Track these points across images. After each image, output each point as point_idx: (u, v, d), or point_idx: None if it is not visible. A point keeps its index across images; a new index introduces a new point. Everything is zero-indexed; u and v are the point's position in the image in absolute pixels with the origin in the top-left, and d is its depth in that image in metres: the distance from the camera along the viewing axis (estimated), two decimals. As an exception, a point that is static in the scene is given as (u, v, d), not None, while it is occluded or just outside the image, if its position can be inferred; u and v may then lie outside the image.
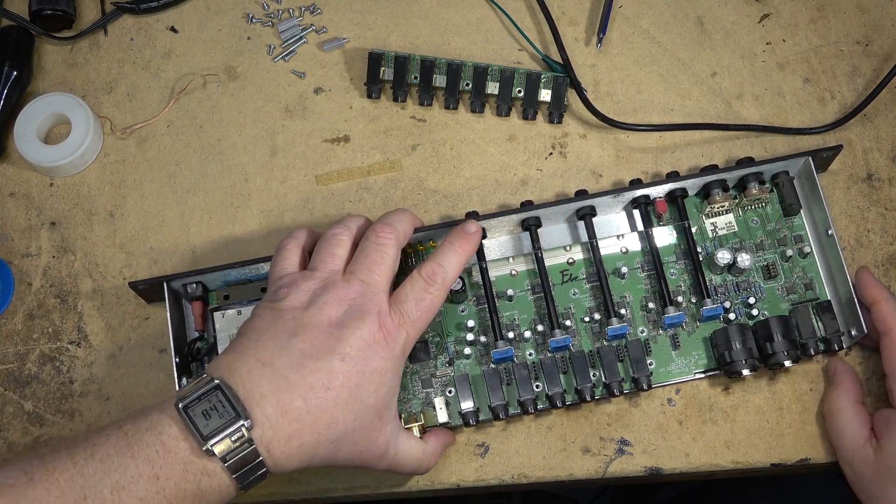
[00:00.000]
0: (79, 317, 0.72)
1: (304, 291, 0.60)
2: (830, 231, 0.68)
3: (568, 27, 0.78)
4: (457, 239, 0.65)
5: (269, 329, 0.59)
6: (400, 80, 0.75)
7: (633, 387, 0.66)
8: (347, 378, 0.58)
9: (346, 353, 0.58)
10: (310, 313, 0.59)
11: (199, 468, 0.55)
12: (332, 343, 0.58)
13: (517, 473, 0.67)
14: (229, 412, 0.55)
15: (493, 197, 0.74)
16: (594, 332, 0.69)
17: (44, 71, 0.78)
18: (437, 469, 0.67)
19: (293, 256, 0.64)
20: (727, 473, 0.69)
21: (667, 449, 0.68)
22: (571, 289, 0.70)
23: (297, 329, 0.58)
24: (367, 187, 0.74)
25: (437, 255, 0.63)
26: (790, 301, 0.69)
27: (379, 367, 0.59)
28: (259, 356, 0.58)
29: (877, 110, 0.75)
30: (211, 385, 0.56)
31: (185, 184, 0.75)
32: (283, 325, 0.59)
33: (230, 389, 0.56)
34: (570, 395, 0.67)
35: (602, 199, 0.69)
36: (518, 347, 0.68)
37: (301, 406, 0.57)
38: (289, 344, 0.58)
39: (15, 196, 0.75)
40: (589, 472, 0.67)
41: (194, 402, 0.56)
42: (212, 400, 0.56)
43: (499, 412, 0.66)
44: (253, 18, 0.79)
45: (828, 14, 0.78)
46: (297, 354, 0.58)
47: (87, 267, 0.73)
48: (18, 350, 0.71)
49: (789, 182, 0.70)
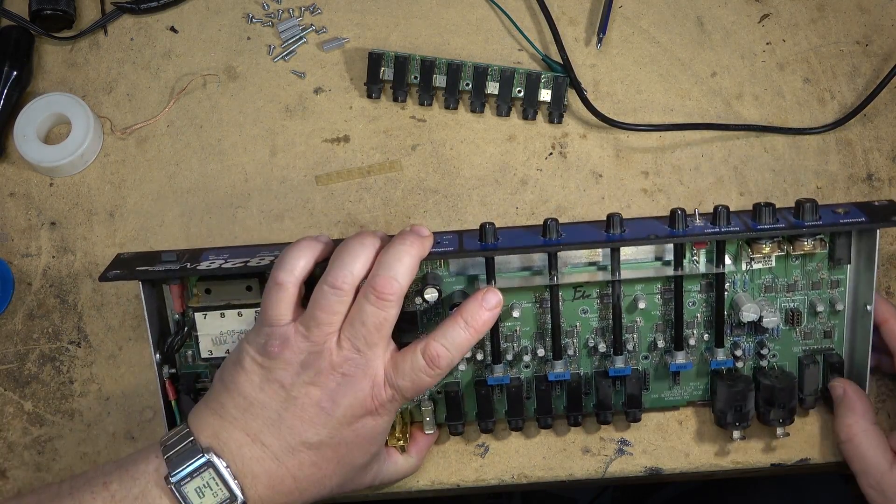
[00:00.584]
0: (79, 317, 0.72)
1: (297, 353, 0.57)
2: (870, 307, 0.64)
3: (568, 27, 0.78)
4: (469, 317, 0.59)
5: (258, 399, 0.58)
6: (400, 80, 0.75)
7: (624, 417, 0.66)
8: (336, 452, 0.58)
9: (335, 432, 0.57)
10: (301, 387, 0.57)
11: None
12: (323, 420, 0.57)
13: (517, 473, 0.67)
14: (223, 493, 0.55)
15: (493, 197, 0.74)
16: (595, 362, 0.67)
17: (44, 71, 0.78)
18: (438, 469, 0.67)
19: (289, 300, 0.58)
20: (727, 473, 0.69)
21: (667, 449, 0.68)
22: (581, 306, 0.66)
23: (288, 403, 0.57)
24: (367, 187, 0.74)
25: (445, 336, 0.59)
26: (804, 346, 0.67)
27: (367, 435, 0.59)
28: (248, 429, 0.57)
29: (877, 110, 0.75)
30: (203, 461, 0.55)
31: (185, 184, 0.75)
32: (274, 395, 0.57)
33: (225, 467, 0.56)
34: (560, 422, 0.66)
35: (639, 247, 0.64)
36: (515, 368, 0.67)
37: (291, 485, 0.57)
38: (279, 419, 0.57)
39: (15, 196, 0.75)
40: (589, 472, 0.67)
41: (187, 480, 0.55)
42: (205, 477, 0.55)
43: (488, 427, 0.66)
44: (253, 18, 0.79)
45: (828, 14, 0.78)
46: (287, 433, 0.57)
47: (87, 267, 0.73)
48: (18, 350, 0.71)
49: (846, 238, 0.65)
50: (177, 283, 0.66)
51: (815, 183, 0.73)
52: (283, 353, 0.57)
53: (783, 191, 0.73)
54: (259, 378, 0.58)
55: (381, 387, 0.58)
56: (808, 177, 0.74)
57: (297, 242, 0.60)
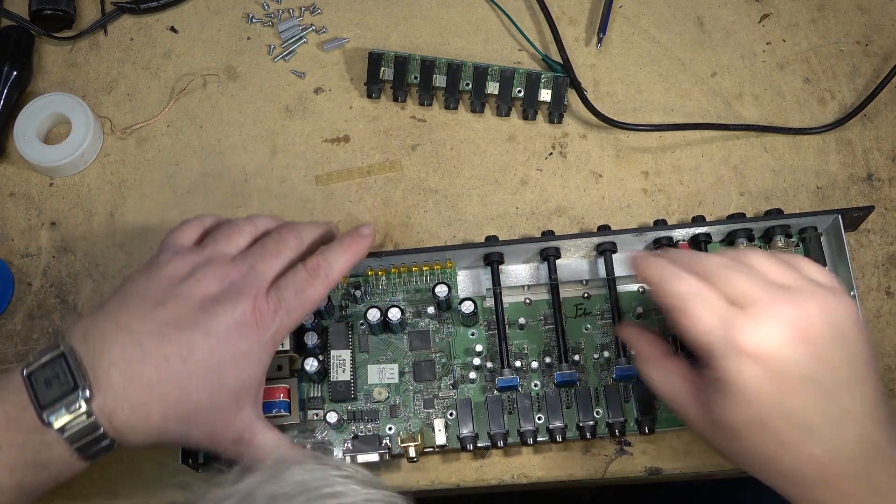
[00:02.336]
0: (79, 317, 0.72)
1: (188, 263, 0.57)
2: (853, 293, 0.66)
3: (568, 27, 0.78)
4: (348, 239, 0.62)
5: (137, 293, 0.56)
6: (400, 80, 0.75)
7: (637, 429, 0.66)
8: (208, 354, 0.54)
9: (210, 329, 0.55)
10: (185, 284, 0.56)
11: (37, 440, 0.53)
12: (200, 316, 0.55)
13: (517, 473, 0.67)
14: (69, 382, 0.53)
15: (493, 197, 0.74)
16: (603, 370, 0.67)
17: (44, 71, 0.78)
18: (438, 469, 0.67)
19: (191, 233, 0.61)
20: (727, 473, 0.69)
21: (667, 449, 0.68)
22: (584, 323, 0.68)
23: (167, 297, 0.55)
24: (367, 187, 0.74)
25: (326, 252, 0.61)
26: None
27: (244, 349, 0.56)
28: (119, 319, 0.55)
29: (877, 110, 0.75)
30: (56, 353, 0.54)
31: (185, 184, 0.75)
32: (154, 292, 0.56)
33: (75, 358, 0.53)
34: (572, 431, 0.66)
35: (624, 237, 0.67)
36: (524, 377, 0.67)
37: (152, 376, 0.53)
38: (154, 311, 0.55)
39: (15, 196, 0.75)
40: (589, 472, 0.67)
41: (38, 370, 0.54)
42: (55, 368, 0.53)
43: (497, 440, 0.65)
44: (253, 18, 0.79)
45: (828, 14, 0.78)
46: (160, 322, 0.54)
47: (87, 267, 0.73)
48: (18, 350, 0.71)
49: (816, 238, 0.68)
50: None
51: (815, 183, 0.73)
52: (174, 261, 0.58)
53: (783, 191, 0.73)
54: (144, 278, 0.57)
55: (263, 298, 0.57)
56: (808, 177, 0.74)
57: (204, 214, 0.63)
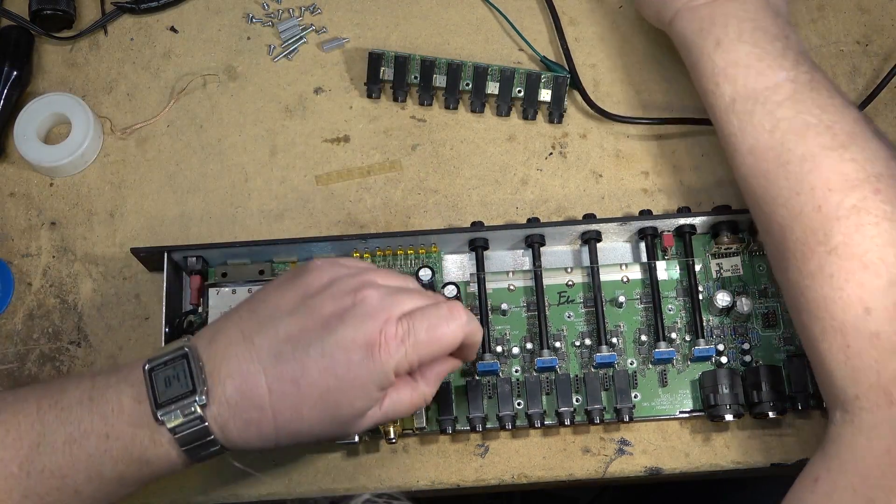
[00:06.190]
0: (79, 317, 0.72)
1: (331, 275, 0.55)
2: None
3: (568, 27, 0.78)
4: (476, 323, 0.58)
5: (271, 300, 0.55)
6: (400, 80, 0.75)
7: (615, 417, 0.66)
8: (320, 376, 0.52)
9: (327, 348, 0.52)
10: (318, 297, 0.54)
11: (147, 435, 0.53)
12: (322, 334, 0.53)
13: (517, 473, 0.67)
14: (187, 385, 0.52)
15: (493, 197, 0.74)
16: (583, 358, 0.68)
17: (44, 71, 0.78)
18: (438, 469, 0.67)
19: (352, 263, 0.57)
20: (727, 473, 0.69)
21: (667, 449, 0.68)
22: (567, 311, 0.69)
23: (297, 309, 0.54)
24: (367, 187, 0.74)
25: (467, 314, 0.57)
26: (786, 352, 0.67)
27: (360, 377, 0.53)
28: (245, 328, 0.54)
29: (877, 110, 0.75)
30: (180, 352, 0.53)
31: (185, 184, 0.75)
32: (286, 301, 0.55)
33: (198, 361, 0.53)
34: (550, 418, 0.66)
35: (609, 226, 0.68)
36: (505, 363, 0.68)
37: (264, 395, 0.52)
38: (280, 322, 0.53)
39: (15, 196, 0.75)
40: (589, 472, 0.67)
41: (161, 367, 0.53)
42: (177, 368, 0.53)
43: (476, 424, 0.65)
44: (253, 18, 0.79)
45: (828, 14, 0.78)
46: (282, 336, 0.53)
47: (87, 267, 0.73)
48: (18, 350, 0.71)
49: None
50: (197, 274, 0.68)
51: (815, 183, 0.73)
52: (317, 271, 0.55)
53: (783, 191, 0.73)
54: (282, 283, 0.56)
55: (393, 323, 0.53)
56: (808, 177, 0.74)
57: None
